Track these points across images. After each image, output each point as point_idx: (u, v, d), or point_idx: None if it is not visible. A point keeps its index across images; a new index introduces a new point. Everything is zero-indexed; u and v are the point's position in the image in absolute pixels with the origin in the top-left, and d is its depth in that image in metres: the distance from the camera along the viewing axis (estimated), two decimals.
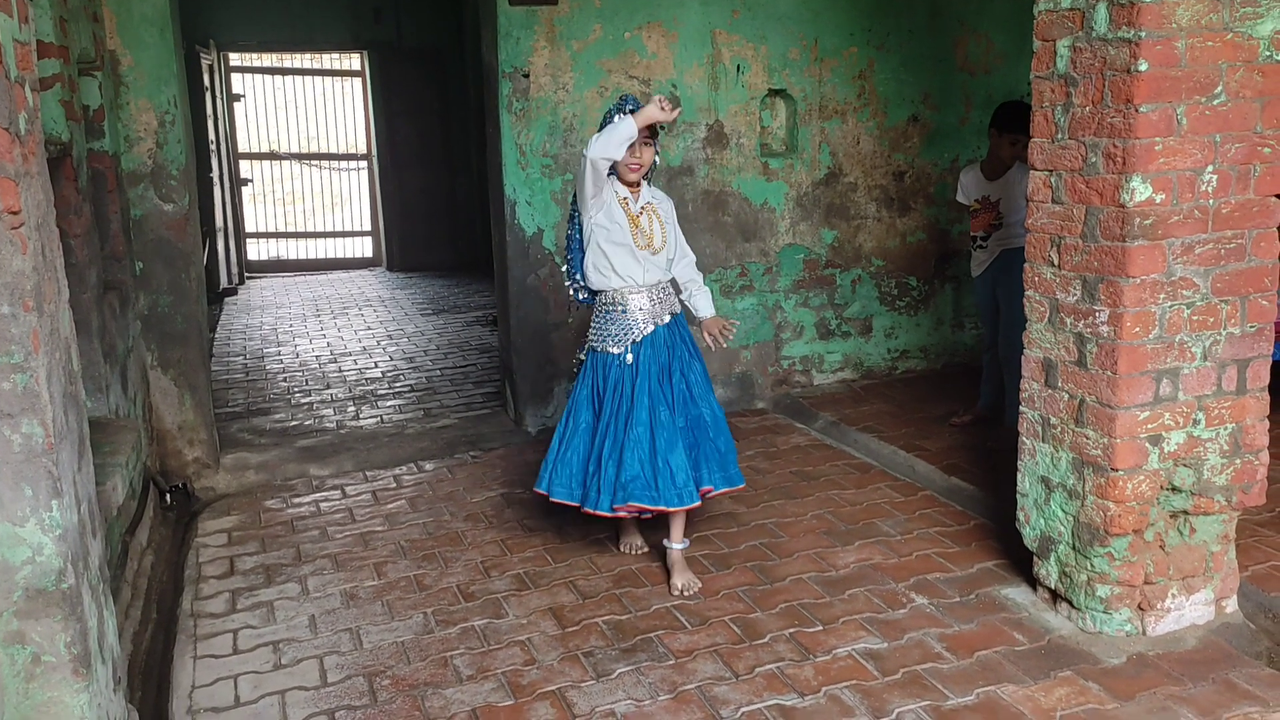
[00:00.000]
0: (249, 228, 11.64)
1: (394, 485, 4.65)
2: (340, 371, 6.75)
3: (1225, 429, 3.10)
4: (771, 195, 5.57)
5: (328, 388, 6.32)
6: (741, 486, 3.67)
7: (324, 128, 12.08)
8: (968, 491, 4.26)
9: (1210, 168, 2.93)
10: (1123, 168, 2.89)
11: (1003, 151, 4.61)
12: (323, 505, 4.43)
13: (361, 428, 5.45)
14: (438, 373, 6.66)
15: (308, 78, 11.95)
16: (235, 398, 6.11)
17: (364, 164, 11.88)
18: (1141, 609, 3.15)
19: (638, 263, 3.55)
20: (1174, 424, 3.04)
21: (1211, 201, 2.96)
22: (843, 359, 5.89)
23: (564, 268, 3.67)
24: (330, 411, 5.79)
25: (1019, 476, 3.39)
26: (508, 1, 4.85)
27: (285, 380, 6.53)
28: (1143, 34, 2.80)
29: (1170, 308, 2.97)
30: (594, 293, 3.63)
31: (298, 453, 5.00)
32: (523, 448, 5.05)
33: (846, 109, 5.63)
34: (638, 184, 3.60)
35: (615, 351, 3.56)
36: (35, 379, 2.06)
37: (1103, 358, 3.02)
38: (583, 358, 3.67)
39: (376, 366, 6.88)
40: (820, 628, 3.24)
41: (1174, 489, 3.09)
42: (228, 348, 7.55)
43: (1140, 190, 2.89)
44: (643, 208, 3.59)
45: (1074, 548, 3.19)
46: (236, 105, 11.02)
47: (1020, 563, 3.55)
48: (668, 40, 5.19)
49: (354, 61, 11.70)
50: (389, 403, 5.95)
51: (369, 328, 8.23)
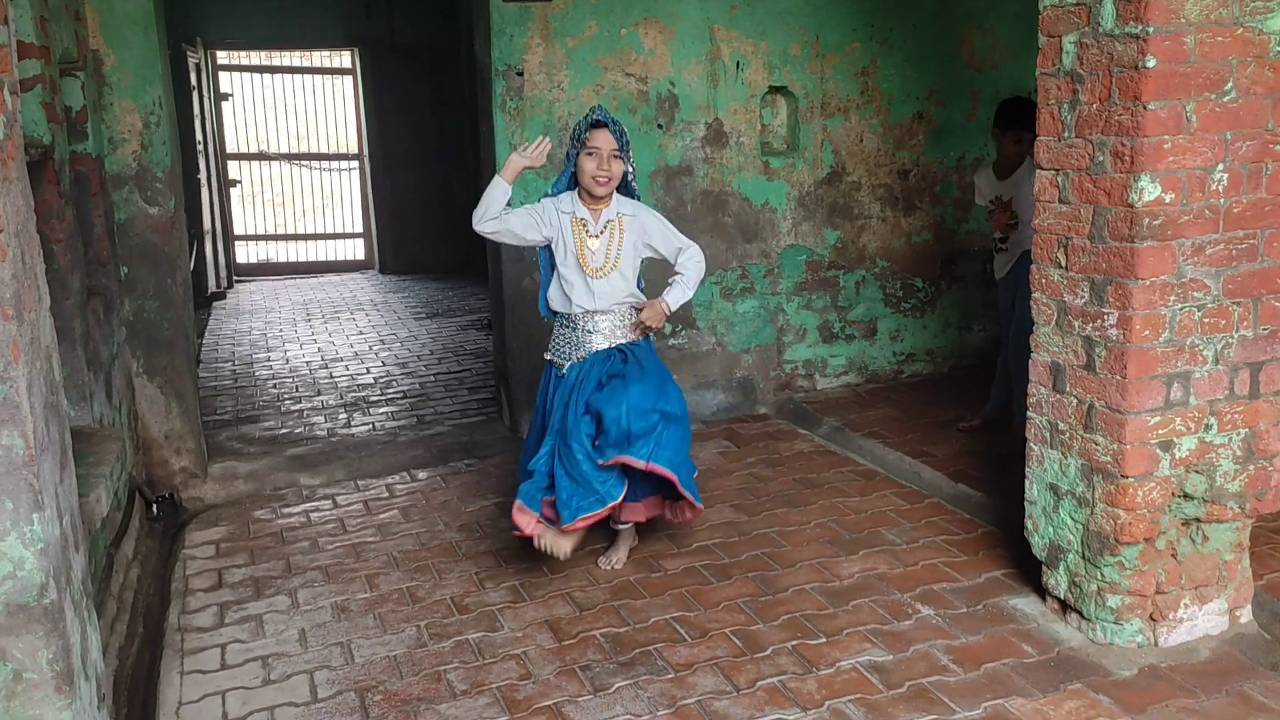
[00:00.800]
0: (238, 230, 11.65)
1: (386, 495, 4.66)
2: (331, 377, 6.75)
3: (1238, 434, 3.10)
4: (773, 195, 5.58)
5: (318, 394, 6.32)
6: (697, 505, 3.68)
7: (314, 127, 12.10)
8: (975, 499, 4.26)
9: (1221, 166, 2.94)
10: (1131, 167, 2.90)
11: (1006, 150, 4.63)
12: (313, 515, 4.43)
13: (353, 435, 5.46)
14: (431, 378, 6.66)
15: (297, 76, 11.97)
16: (223, 405, 6.11)
17: (355, 164, 11.90)
18: (1153, 619, 3.15)
19: (588, 290, 3.62)
20: (1185, 429, 3.04)
21: (1222, 201, 2.96)
22: (847, 363, 5.90)
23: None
24: (321, 419, 5.79)
25: (1027, 483, 3.39)
26: None
27: (275, 387, 6.54)
28: (1150, 29, 2.81)
29: (1181, 310, 2.98)
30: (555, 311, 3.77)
31: (287, 461, 5.00)
32: (519, 455, 5.04)
33: (849, 106, 5.64)
34: (607, 198, 3.63)
35: (557, 364, 3.69)
36: (15, 389, 2.07)
37: (1112, 361, 3.02)
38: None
39: (369, 372, 6.88)
40: (824, 640, 3.24)
41: (1186, 496, 3.09)
42: (216, 354, 7.55)
43: (1149, 190, 2.89)
44: (605, 226, 3.63)
45: (1083, 557, 3.19)
46: (224, 104, 11.02)
47: (1029, 572, 3.56)
48: (665, 36, 5.20)
49: (345, 59, 11.72)
50: (381, 409, 5.95)
51: (361, 332, 8.23)
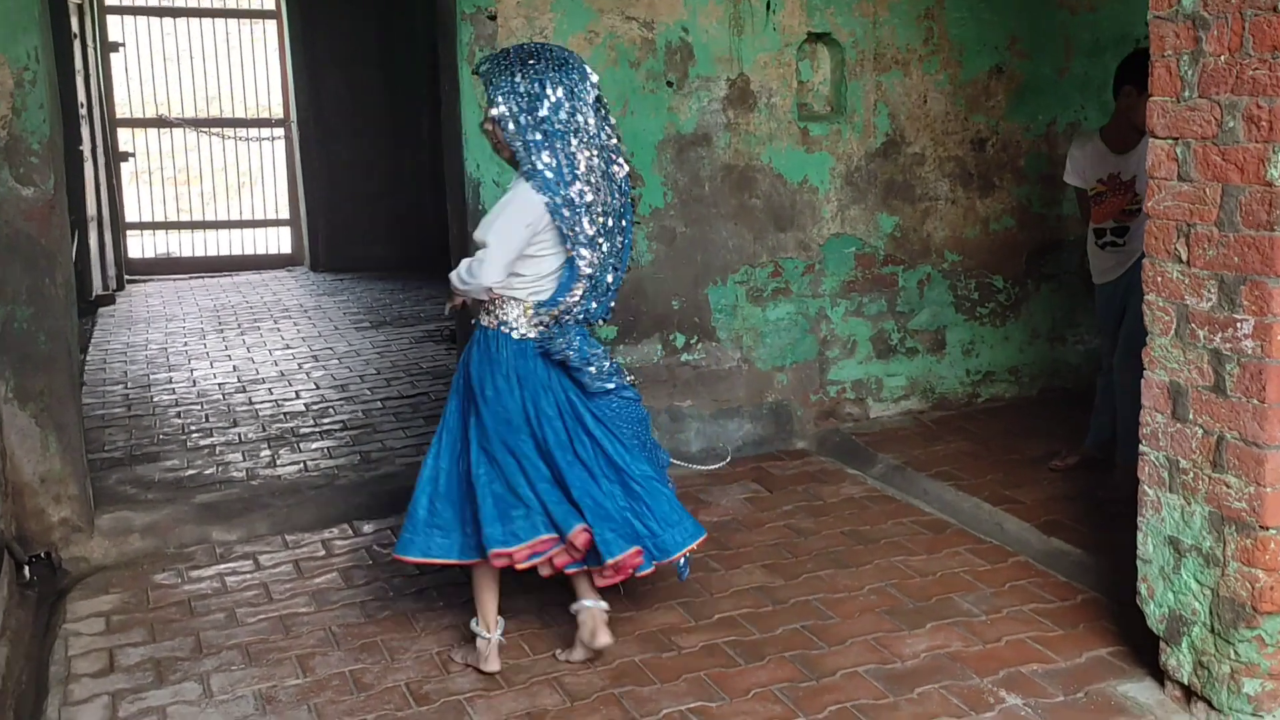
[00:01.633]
0: (130, 217, 11.66)
1: (323, 553, 4.66)
2: (251, 404, 6.76)
3: None
4: (813, 171, 5.60)
5: (234, 426, 6.33)
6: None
7: (228, 86, 12.13)
8: (1073, 557, 4.26)
9: None
10: (1269, 134, 2.92)
11: (1136, 115, 4.53)
12: (229, 580, 4.43)
13: (279, 478, 5.46)
14: (378, 405, 6.67)
15: (207, 20, 12.01)
16: (114, 440, 6.11)
17: (281, 133, 11.93)
18: None
19: None
20: None
21: None
22: (908, 384, 5.91)
23: None
24: (238, 457, 5.80)
25: (1139, 538, 3.40)
26: None
27: (179, 416, 6.54)
28: None
29: None
30: None
31: (196, 511, 5.01)
32: None
33: (910, 58, 5.67)
34: None
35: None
36: None
37: (1247, 381, 3.04)
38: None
39: (298, 397, 6.89)
40: None
41: None
42: (104, 374, 7.56)
43: None
44: None
45: (1213, 630, 3.20)
46: (114, 57, 11.06)
47: (1143, 650, 3.56)
48: None
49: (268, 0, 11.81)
50: (315, 445, 5.96)
51: (288, 346, 8.24)
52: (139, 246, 11.85)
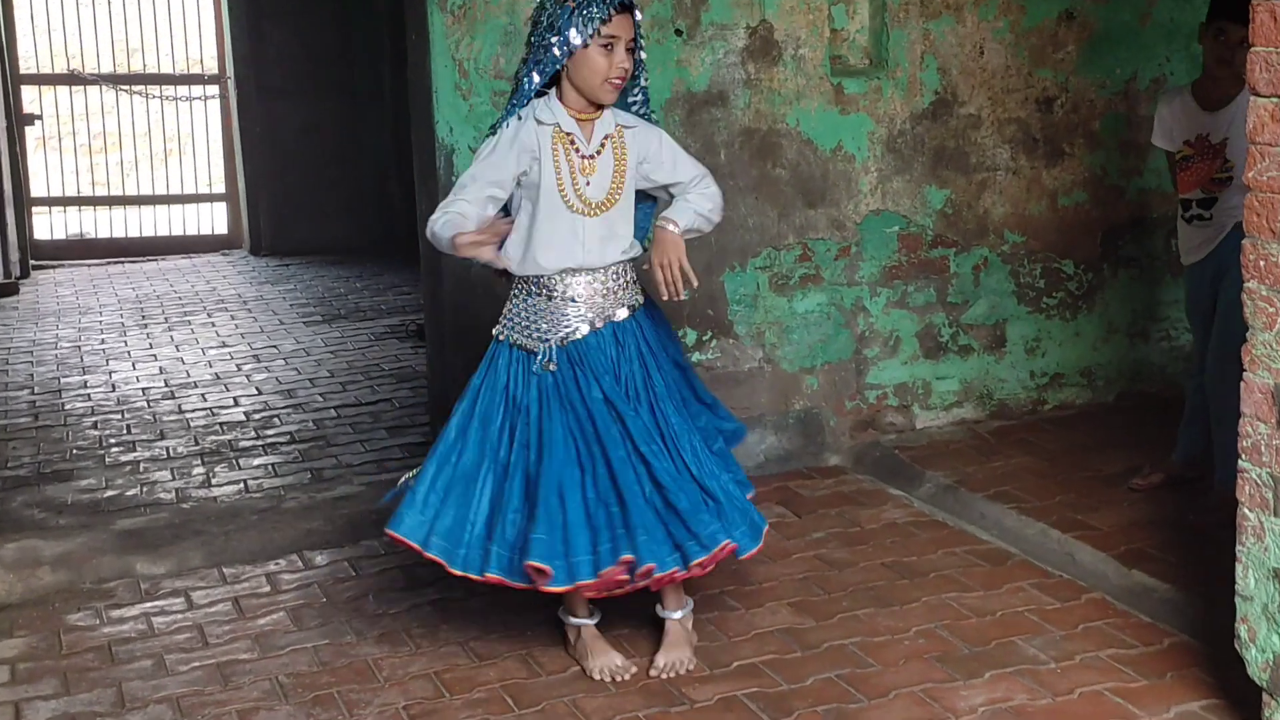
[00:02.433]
0: (36, 191, 11.66)
1: (267, 589, 4.65)
2: (181, 412, 6.76)
3: None
4: (848, 136, 5.60)
5: (161, 438, 6.33)
6: (730, 546, 3.77)
7: (152, 35, 12.12)
8: (1159, 594, 4.26)
9: None
10: None
11: (1226, 63, 4.54)
12: (157, 621, 4.42)
13: (215, 500, 5.46)
14: (332, 413, 6.67)
15: None
16: (18, 454, 6.11)
17: (215, 90, 11.93)
18: None
19: (576, 236, 3.83)
20: None
21: None
22: (961, 388, 5.91)
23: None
24: (166, 475, 5.79)
25: (1238, 570, 3.39)
26: None
27: (96, 427, 6.53)
28: None
29: None
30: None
31: (117, 540, 5.00)
32: None
33: (963, 1, 5.67)
34: (601, 109, 3.83)
35: (528, 349, 3.86)
36: None
37: None
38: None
39: (237, 404, 6.89)
40: None
41: None
42: (6, 377, 7.57)
43: None
44: (603, 142, 3.85)
45: None
46: (16, 1, 11.07)
47: (1243, 704, 3.55)
48: None
49: None
50: (257, 461, 5.96)
51: (225, 344, 8.23)
52: (46, 226, 11.82)
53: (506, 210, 3.90)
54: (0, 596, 4.64)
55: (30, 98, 11.54)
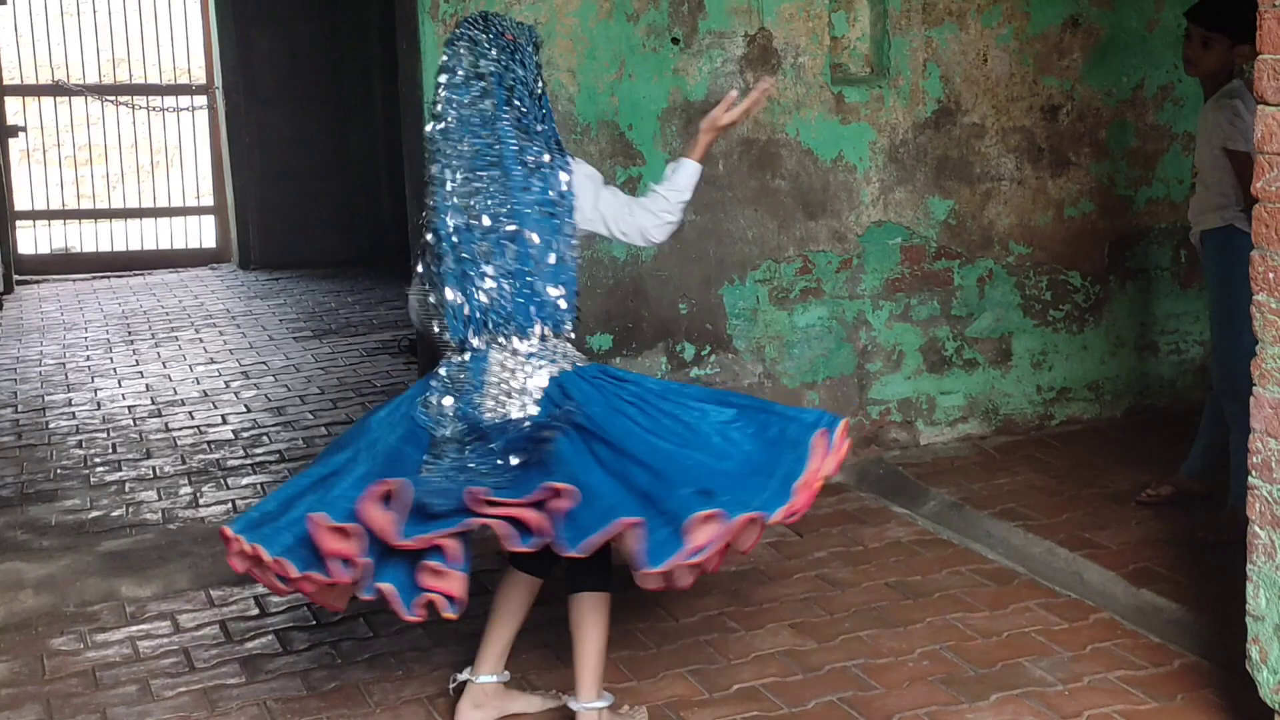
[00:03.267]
0: (20, 205, 11.65)
1: (255, 611, 4.62)
2: (168, 430, 6.74)
3: None
4: (849, 145, 5.59)
5: (148, 457, 6.31)
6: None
7: (139, 46, 12.12)
8: (1169, 613, 4.24)
9: None
10: None
11: (1190, 63, 4.66)
12: (143, 645, 4.39)
13: (203, 521, 5.43)
14: (322, 431, 6.64)
15: None
16: (2, 475, 6.09)
17: (203, 101, 11.92)
18: None
19: None
20: None
21: None
22: (966, 403, 5.89)
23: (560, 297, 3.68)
24: (152, 495, 5.77)
25: (1249, 589, 3.36)
26: None
27: (81, 446, 6.51)
28: None
29: None
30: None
31: (102, 561, 4.98)
32: None
33: (966, 8, 5.66)
34: None
35: None
36: None
37: None
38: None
39: (225, 422, 6.87)
40: None
41: None
42: None
43: None
44: None
45: None
46: (0, 11, 11.05)
47: None
48: None
49: None
50: (245, 480, 5.93)
51: (213, 360, 8.21)
52: (31, 240, 11.78)
53: None
54: None
55: (14, 109, 11.53)
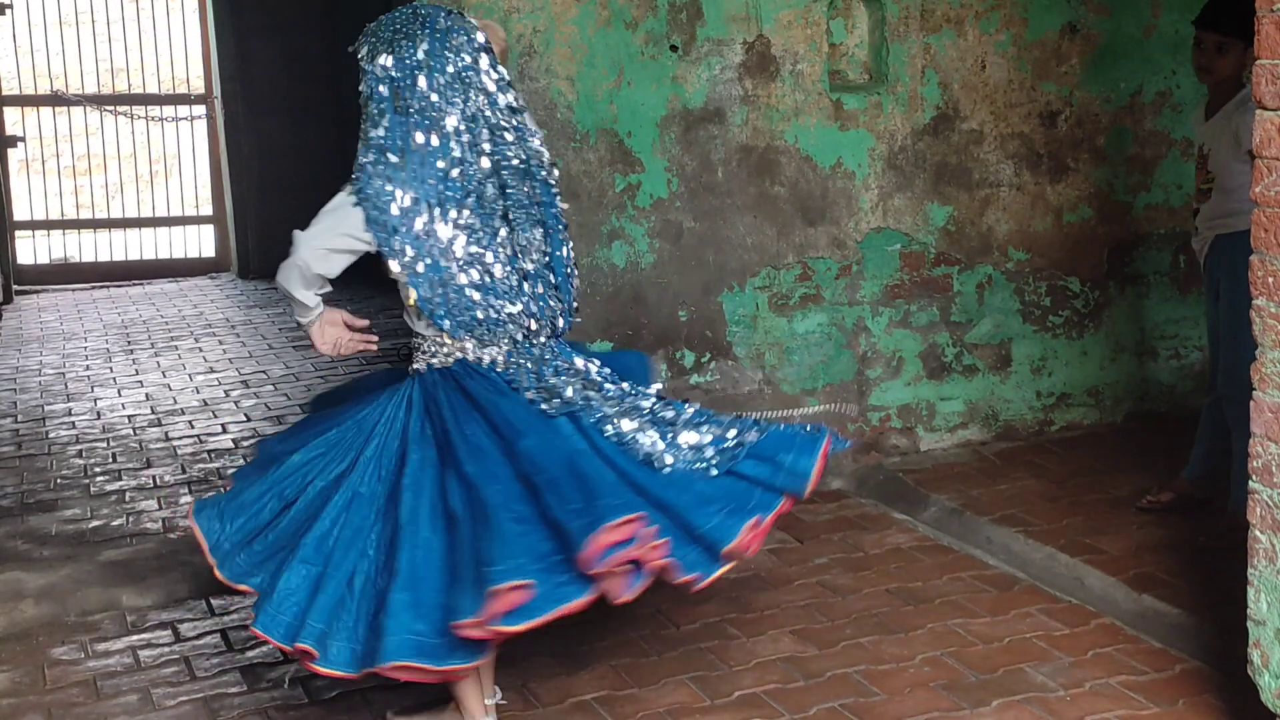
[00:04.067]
0: (19, 214, 11.65)
1: None
2: (168, 439, 6.74)
3: None
4: (848, 152, 5.61)
5: (148, 467, 6.31)
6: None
7: (137, 55, 12.13)
8: (1170, 618, 4.25)
9: None
10: None
11: (1204, 71, 4.66)
12: (143, 654, 4.40)
13: None
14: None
15: None
16: (2, 485, 6.09)
17: (201, 110, 11.93)
18: None
19: None
20: None
21: None
22: (966, 409, 5.91)
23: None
24: (153, 504, 5.77)
25: (1250, 593, 3.38)
26: None
27: (81, 455, 6.52)
28: None
29: None
30: None
31: (103, 571, 4.98)
32: None
33: (964, 15, 5.68)
34: None
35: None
36: None
37: None
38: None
39: (225, 431, 6.88)
40: None
41: None
42: None
43: None
44: None
45: None
46: None
47: None
48: None
49: None
50: None
51: (212, 369, 8.21)
52: (30, 250, 11.80)
53: None
54: None
55: (13, 119, 11.56)
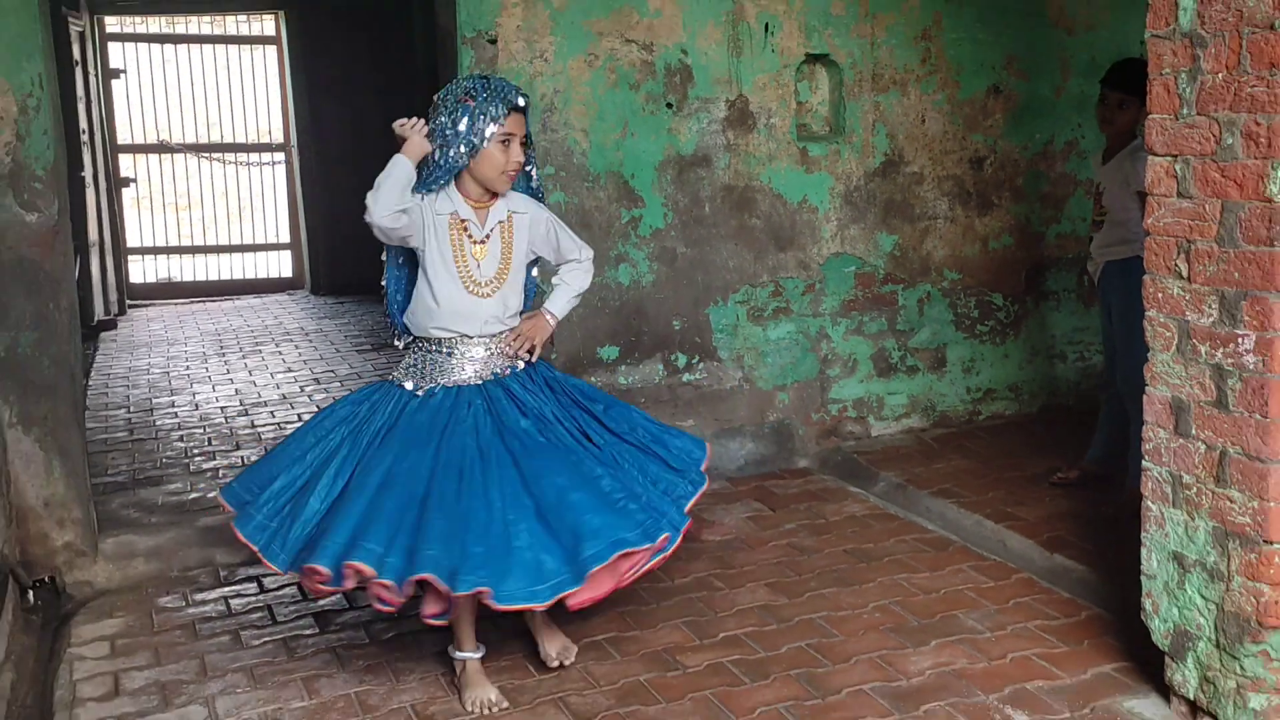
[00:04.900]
0: (131, 242, 11.69)
1: None
2: (253, 427, 6.77)
3: None
4: (812, 190, 5.62)
5: (237, 449, 6.34)
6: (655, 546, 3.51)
7: (229, 111, 12.17)
8: (1077, 573, 4.27)
9: None
10: (1269, 151, 2.93)
11: (1106, 122, 4.72)
12: (234, 602, 4.43)
13: None
14: None
15: (207, 46, 12.06)
16: (117, 464, 6.12)
17: (281, 157, 11.97)
18: None
19: (473, 313, 3.69)
20: None
21: None
22: (908, 402, 5.92)
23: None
24: None
25: (1144, 553, 3.40)
26: None
27: (182, 440, 6.55)
28: None
29: None
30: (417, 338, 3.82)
31: (200, 534, 5.00)
32: None
33: (907, 78, 5.70)
34: (496, 196, 3.71)
35: (408, 387, 3.73)
36: None
37: (1249, 396, 3.04)
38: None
39: (300, 420, 6.88)
40: None
41: None
42: (106, 398, 7.57)
43: None
44: (494, 228, 3.72)
45: (1218, 645, 3.20)
46: (115, 84, 11.09)
47: (1148, 665, 3.56)
48: None
49: (268, 25, 11.82)
50: None
51: (290, 369, 8.25)
52: (140, 271, 11.85)
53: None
54: (102, 583, 4.64)
55: (126, 164, 11.58)
